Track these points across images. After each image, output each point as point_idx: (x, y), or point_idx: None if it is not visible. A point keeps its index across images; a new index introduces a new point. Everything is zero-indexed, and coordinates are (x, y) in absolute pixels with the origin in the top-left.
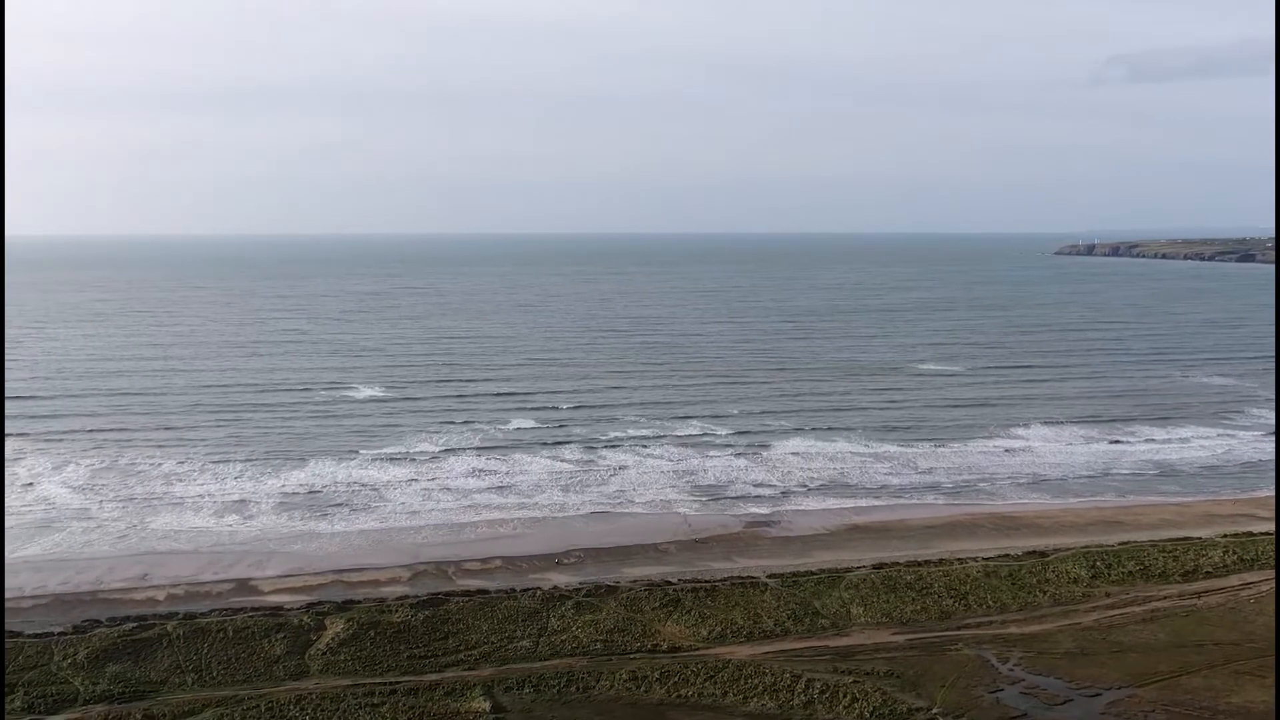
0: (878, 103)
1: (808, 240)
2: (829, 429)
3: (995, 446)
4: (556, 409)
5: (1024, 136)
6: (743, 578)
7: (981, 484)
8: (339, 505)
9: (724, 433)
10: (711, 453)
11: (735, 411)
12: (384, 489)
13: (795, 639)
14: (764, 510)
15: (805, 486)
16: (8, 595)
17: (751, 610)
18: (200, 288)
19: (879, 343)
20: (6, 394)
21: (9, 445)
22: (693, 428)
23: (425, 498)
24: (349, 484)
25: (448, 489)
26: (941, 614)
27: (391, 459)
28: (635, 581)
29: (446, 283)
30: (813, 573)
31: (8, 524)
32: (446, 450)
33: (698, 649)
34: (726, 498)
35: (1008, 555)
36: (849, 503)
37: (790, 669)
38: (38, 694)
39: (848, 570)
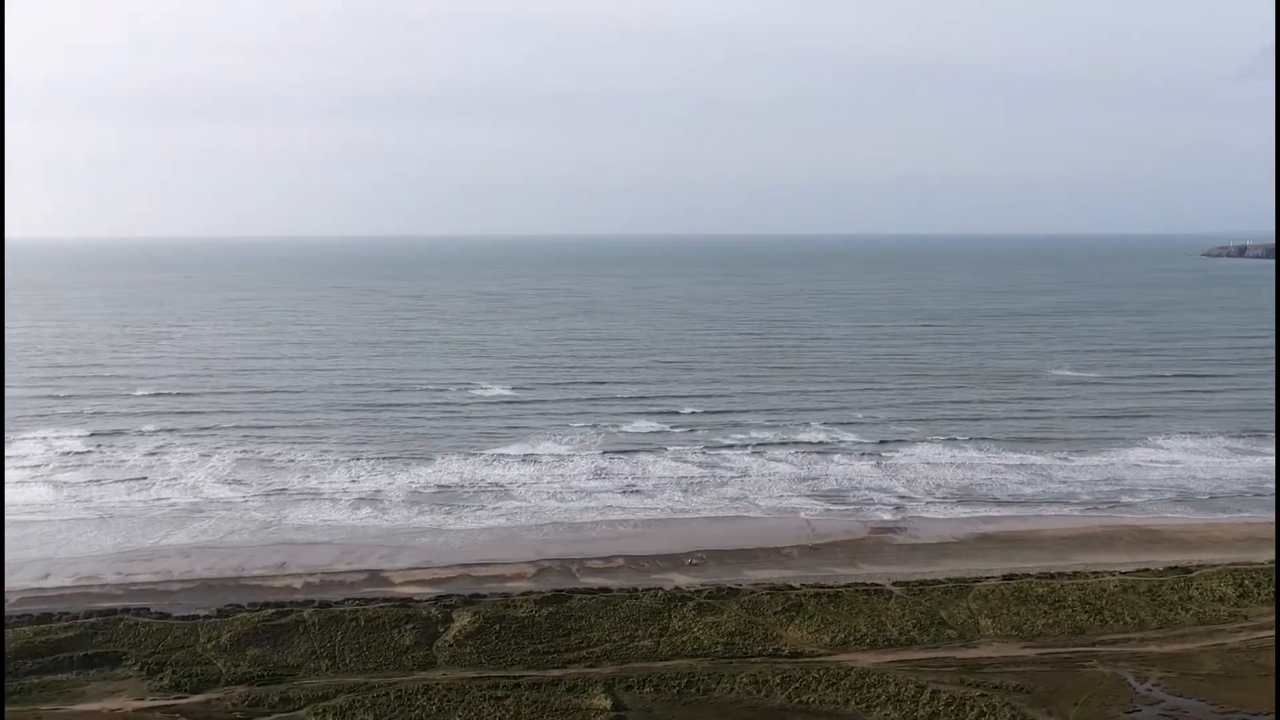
0: (1020, 101)
1: (935, 242)
2: (959, 435)
3: (1135, 457)
4: (680, 411)
5: (1167, 133)
6: (867, 584)
7: (1120, 495)
8: (466, 501)
9: (849, 438)
10: (836, 457)
11: (861, 416)
12: (510, 487)
13: (920, 649)
14: (889, 516)
15: (933, 493)
16: (159, 578)
17: (875, 617)
18: (340, 287)
19: (1013, 348)
20: (164, 390)
21: (156, 438)
22: (817, 432)
23: (550, 496)
24: (476, 481)
25: (572, 488)
26: (1075, 629)
27: (517, 458)
28: (757, 585)
29: (574, 284)
30: (939, 581)
31: (159, 511)
32: (571, 450)
33: (820, 655)
34: (850, 503)
35: (1147, 570)
36: (979, 511)
37: (915, 679)
38: (184, 673)
39: (976, 580)
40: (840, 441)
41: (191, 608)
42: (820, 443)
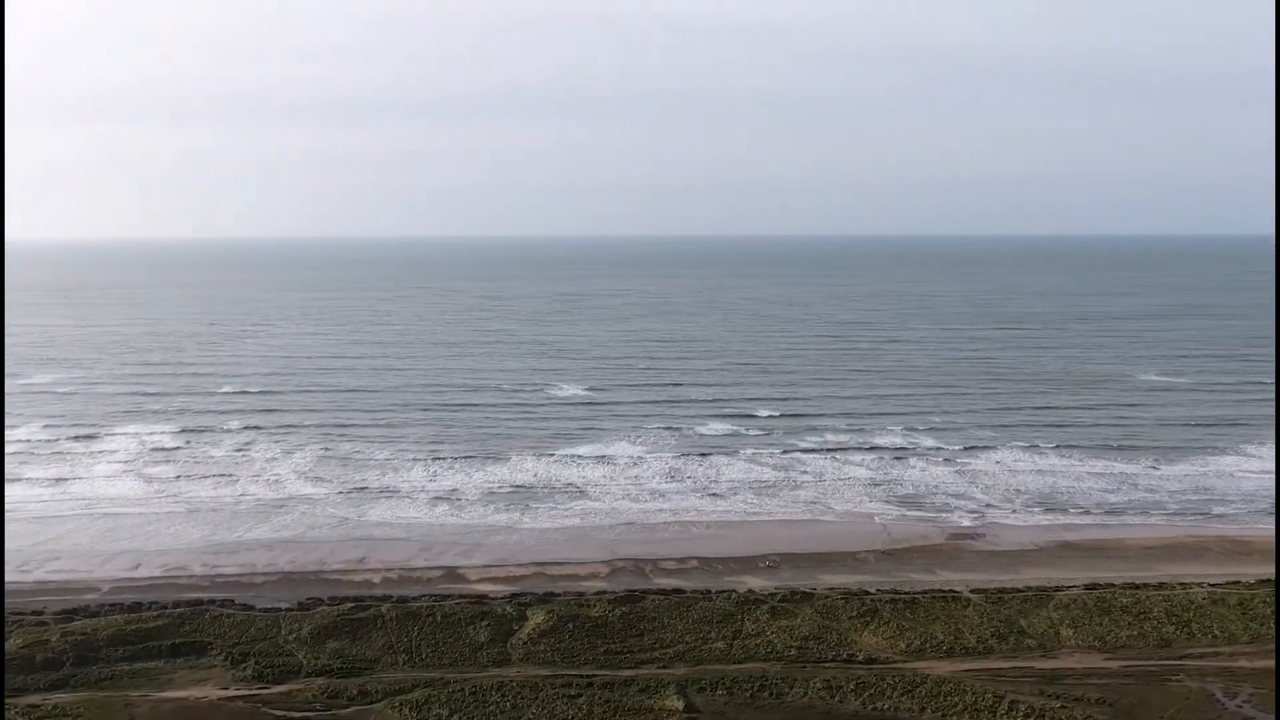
0: (1104, 98)
1: (1028, 243)
2: (1041, 441)
3: (1227, 465)
4: (755, 414)
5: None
6: (944, 591)
7: (1210, 505)
8: (541, 500)
9: (927, 442)
10: (913, 461)
11: (939, 420)
12: (584, 486)
13: (999, 658)
14: (967, 522)
15: (1012, 500)
16: (243, 570)
17: (953, 625)
18: (418, 288)
19: (1098, 352)
20: (248, 388)
21: (243, 433)
22: (894, 436)
23: (624, 496)
24: (551, 480)
25: (646, 489)
26: (1161, 641)
27: (591, 458)
28: (832, 589)
29: (649, 285)
30: (1019, 590)
31: (244, 505)
32: (645, 451)
33: (895, 661)
34: (927, 508)
35: (1238, 582)
36: (1060, 518)
37: (993, 689)
38: (266, 664)
39: (1057, 589)
40: (917, 446)
41: (274, 600)
42: (897, 447)
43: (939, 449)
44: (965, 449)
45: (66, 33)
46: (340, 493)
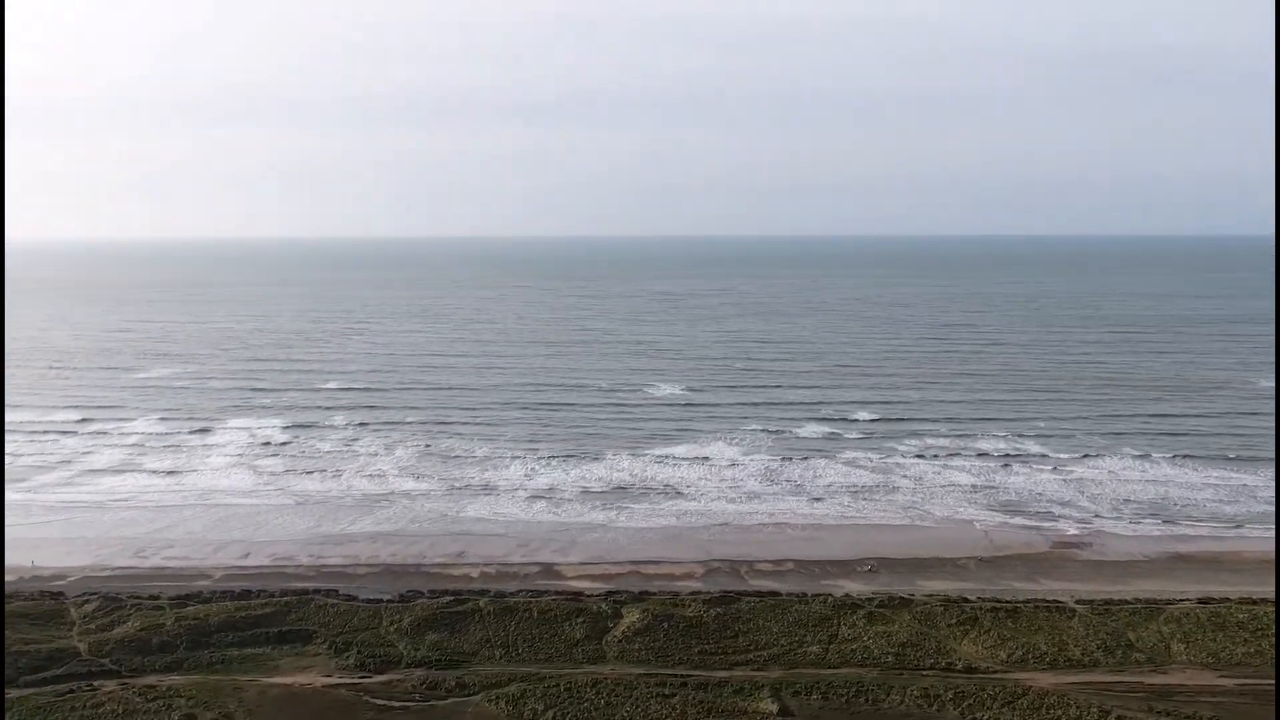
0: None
1: (1136, 243)
2: (1152, 449)
3: None
4: (854, 417)
5: None
6: (1047, 600)
7: None
8: (637, 499)
9: (1032, 448)
10: (1016, 468)
11: (1045, 426)
12: (680, 486)
13: (1105, 671)
14: (1073, 531)
15: (1121, 509)
16: (347, 561)
17: (1056, 636)
18: (519, 287)
19: (1215, 358)
20: (353, 385)
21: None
22: (997, 441)
23: (719, 497)
24: (647, 480)
25: (742, 490)
26: None
27: (688, 458)
28: (931, 595)
29: (748, 285)
30: (1127, 602)
31: (348, 498)
32: (741, 452)
33: (995, 672)
34: (1031, 515)
35: None
36: (1172, 529)
37: (1098, 703)
38: (368, 653)
39: (1168, 602)
40: (1022, 452)
41: (376, 592)
42: (1000, 452)
43: (1044, 455)
44: (1072, 456)
45: (184, 37)
46: (441, 488)
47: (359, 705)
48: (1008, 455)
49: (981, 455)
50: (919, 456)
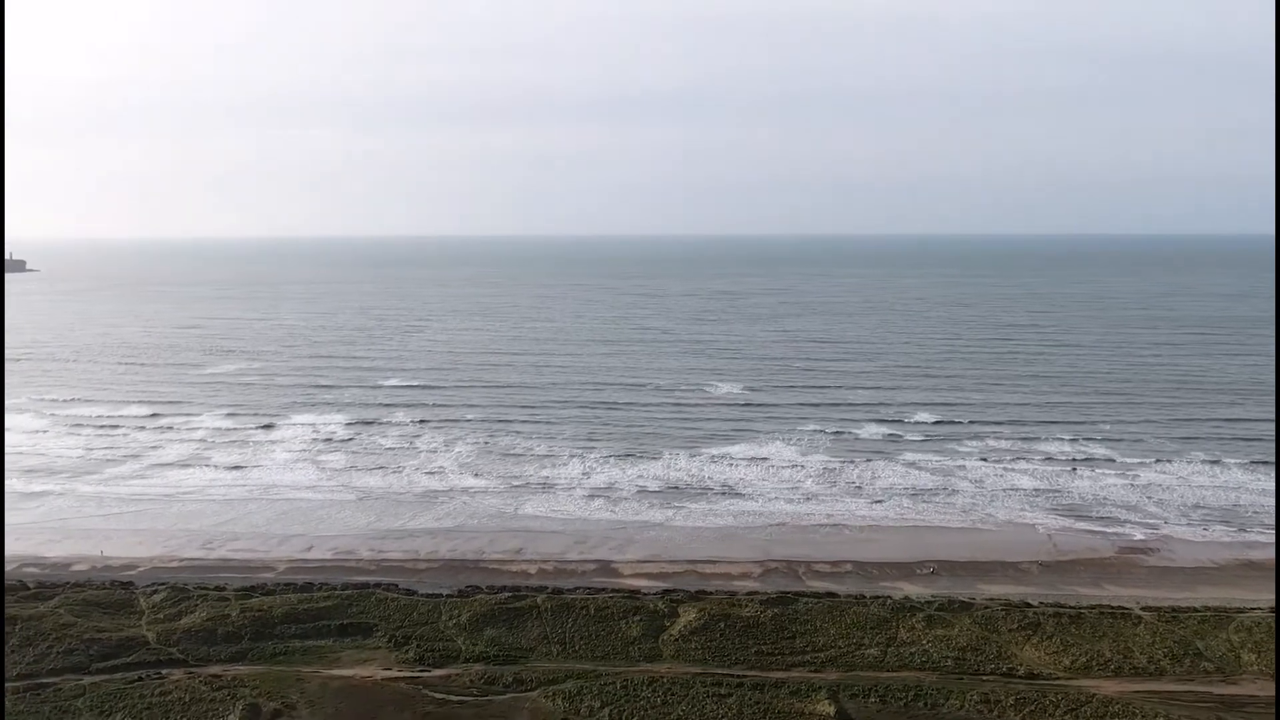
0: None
1: (1207, 242)
2: (1223, 453)
3: None
4: (914, 418)
5: None
6: (1112, 607)
7: None
8: (694, 498)
9: (1097, 451)
10: (1081, 471)
11: (1111, 429)
12: (737, 486)
13: (1172, 680)
14: (1139, 536)
15: (1189, 514)
16: (407, 556)
17: (1121, 643)
18: (578, 285)
19: None
20: (413, 382)
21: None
22: (1061, 444)
23: (777, 497)
24: (704, 479)
25: (800, 490)
26: None
27: (745, 458)
28: (992, 600)
29: (808, 284)
30: (1195, 609)
31: (409, 494)
32: (800, 453)
33: (1058, 678)
34: (1096, 519)
35: None
36: (1244, 536)
37: (1165, 712)
38: (427, 648)
39: (1239, 611)
40: (1087, 455)
41: (435, 586)
42: (1065, 455)
43: (1110, 459)
44: (1140, 460)
45: (245, 39)
46: (499, 484)
47: (418, 698)
48: (1072, 458)
49: (1045, 458)
50: (981, 459)
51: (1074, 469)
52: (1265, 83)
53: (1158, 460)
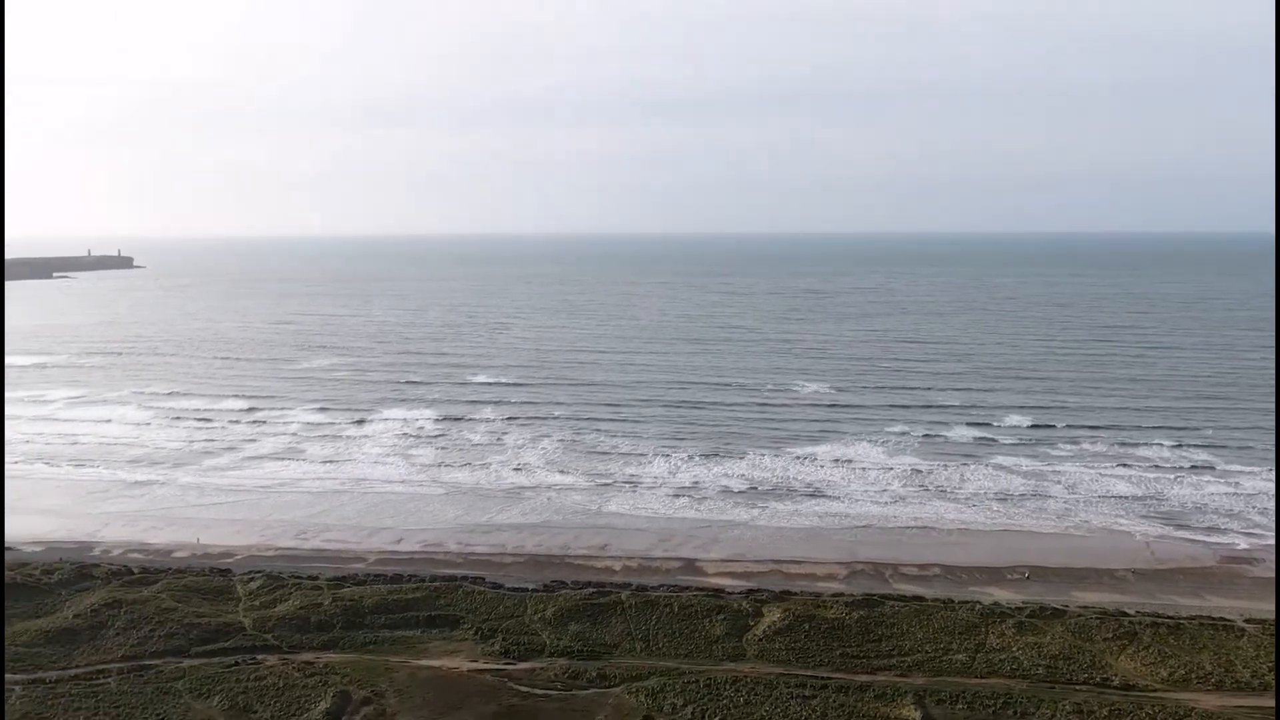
0: None
1: None
2: None
3: None
4: (1006, 421)
5: None
6: (1213, 618)
7: None
8: (779, 498)
9: (1199, 457)
10: (1181, 477)
11: (1214, 435)
12: (822, 486)
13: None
14: (1243, 545)
15: None
16: (494, 550)
17: (1223, 656)
18: (662, 283)
19: None
20: (501, 379)
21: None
22: (1161, 449)
23: (863, 498)
24: (789, 479)
25: (886, 491)
26: None
27: (831, 458)
28: (1086, 607)
29: (898, 282)
30: None
31: (496, 489)
32: (887, 453)
33: (1155, 690)
34: (1197, 527)
35: None
36: None
37: None
38: (513, 641)
39: None
40: (1188, 461)
41: (521, 581)
42: (1164, 461)
43: (1211, 465)
44: (1244, 468)
45: (342, 44)
46: (584, 482)
47: (503, 691)
48: (1173, 464)
49: (1144, 464)
50: (1076, 463)
51: (1174, 475)
52: None
53: (1264, 468)
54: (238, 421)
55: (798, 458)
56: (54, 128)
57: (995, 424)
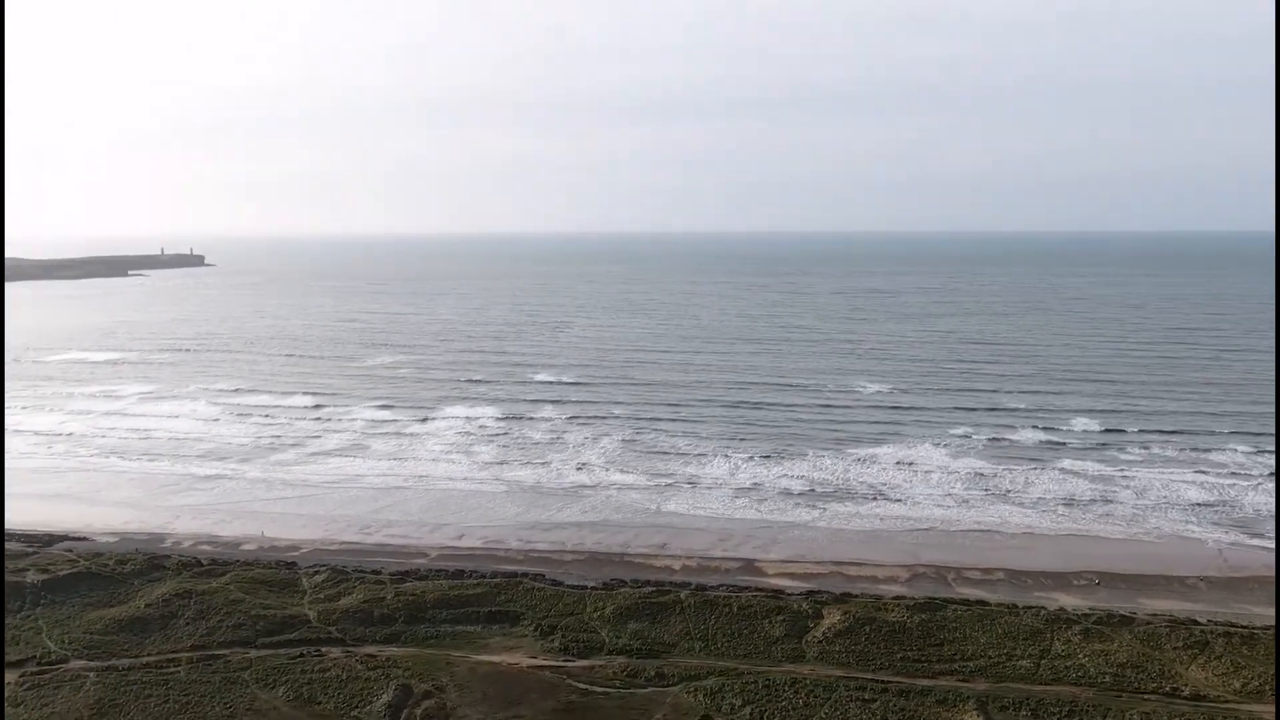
0: None
1: None
2: None
3: None
4: (1073, 424)
5: None
6: None
7: None
8: (840, 499)
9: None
10: (1257, 483)
11: None
12: (884, 488)
13: None
14: None
15: None
16: (554, 547)
17: None
18: (723, 282)
19: None
20: (561, 378)
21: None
22: (1235, 455)
23: (926, 500)
24: (850, 480)
25: (949, 494)
26: None
27: (893, 459)
28: (1155, 615)
29: (959, 282)
30: None
31: (556, 486)
32: (949, 456)
33: (1227, 701)
34: (1272, 535)
35: None
36: None
37: None
38: (572, 638)
39: None
40: (1264, 467)
41: (581, 578)
42: (1239, 467)
43: None
44: None
45: (414, 44)
46: (644, 481)
47: (562, 688)
48: (1247, 470)
49: (1217, 469)
50: (1146, 467)
51: (1249, 481)
52: None
53: None
54: (303, 418)
55: (859, 459)
56: (132, 128)
57: (1063, 427)
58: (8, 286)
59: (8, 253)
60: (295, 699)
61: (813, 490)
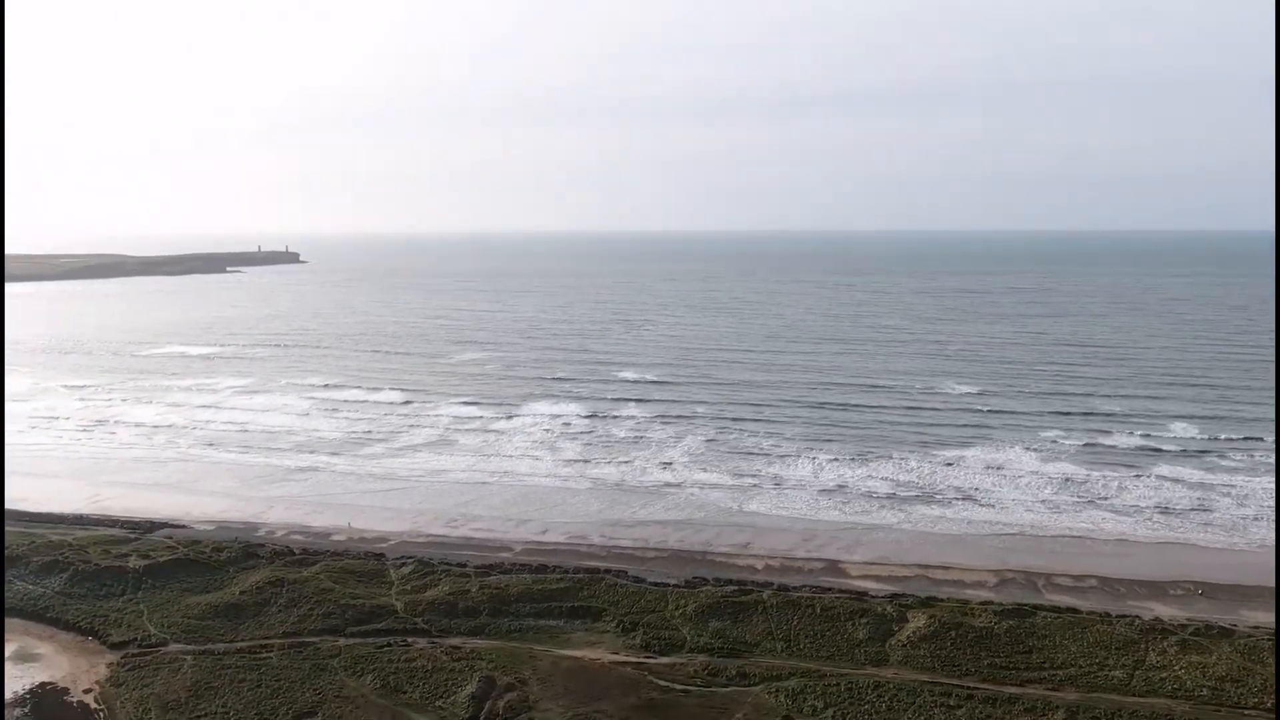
0: None
1: None
2: None
3: None
4: (1171, 429)
5: None
6: None
7: None
8: (926, 502)
9: None
10: None
11: None
12: (971, 491)
13: None
14: None
15: None
16: (636, 544)
17: None
18: (807, 280)
19: None
20: (645, 376)
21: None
22: None
23: (1015, 504)
24: (936, 482)
25: (1039, 498)
26: None
27: (981, 462)
28: (1256, 627)
29: (1051, 282)
30: None
31: (640, 484)
32: (1040, 459)
33: None
34: None
35: None
36: None
37: None
38: (654, 635)
39: None
40: None
41: (663, 576)
42: None
43: None
44: None
45: (494, 45)
46: (727, 480)
47: (643, 684)
48: None
49: None
50: (1248, 475)
51: None
52: None
53: None
54: (391, 413)
55: (946, 462)
56: (231, 129)
57: (1160, 432)
58: (110, 283)
59: (116, 249)
60: (382, 687)
61: (898, 493)
